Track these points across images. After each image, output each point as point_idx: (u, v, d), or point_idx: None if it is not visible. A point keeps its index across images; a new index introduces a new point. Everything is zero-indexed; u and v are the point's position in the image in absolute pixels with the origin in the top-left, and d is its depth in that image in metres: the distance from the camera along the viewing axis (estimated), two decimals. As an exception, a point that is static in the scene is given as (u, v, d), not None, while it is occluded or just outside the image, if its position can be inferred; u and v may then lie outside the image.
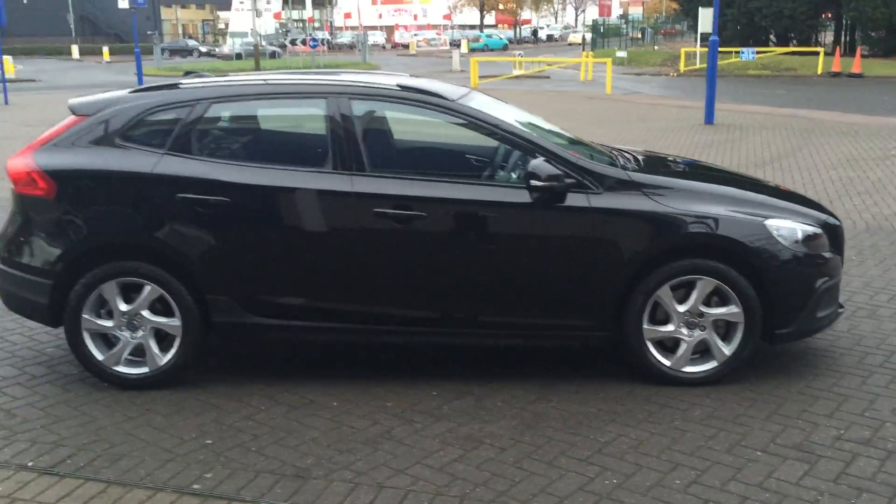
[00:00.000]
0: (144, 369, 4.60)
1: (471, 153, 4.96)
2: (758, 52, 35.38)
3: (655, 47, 57.34)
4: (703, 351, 4.56)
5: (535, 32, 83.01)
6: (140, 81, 28.00)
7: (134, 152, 4.54)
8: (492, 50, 63.88)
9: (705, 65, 36.55)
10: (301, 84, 4.85)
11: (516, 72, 34.48)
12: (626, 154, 5.19)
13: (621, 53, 43.47)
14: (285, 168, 4.55)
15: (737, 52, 35.27)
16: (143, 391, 4.57)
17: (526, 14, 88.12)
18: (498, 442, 3.96)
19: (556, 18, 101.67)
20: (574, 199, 4.41)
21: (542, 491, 3.52)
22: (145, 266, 4.48)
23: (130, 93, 4.77)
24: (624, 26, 60.18)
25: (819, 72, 32.72)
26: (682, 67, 36.92)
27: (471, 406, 4.37)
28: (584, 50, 46.21)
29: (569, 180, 4.38)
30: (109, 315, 4.60)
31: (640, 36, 64.91)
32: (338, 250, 4.46)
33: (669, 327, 4.52)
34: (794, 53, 36.83)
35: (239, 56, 51.64)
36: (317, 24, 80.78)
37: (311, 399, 4.47)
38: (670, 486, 3.55)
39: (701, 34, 37.49)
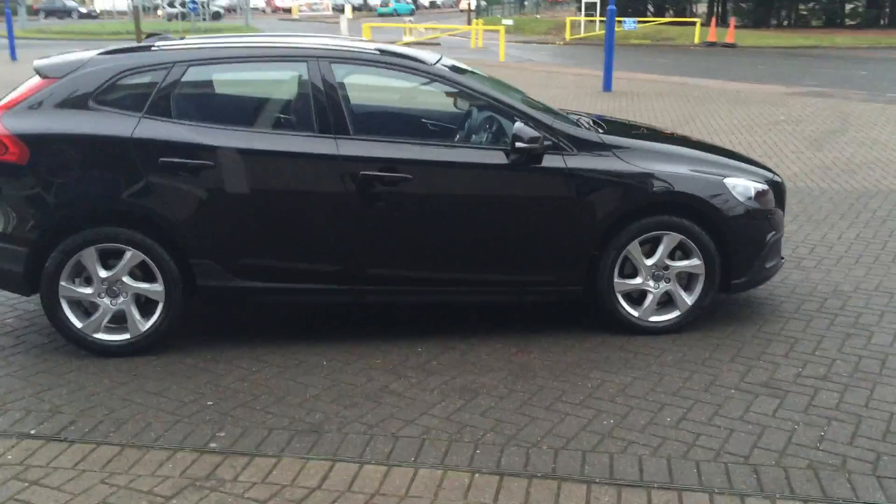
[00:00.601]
0: (126, 335, 4.57)
1: (447, 117, 5.10)
2: (638, 22, 36.48)
3: (538, 16, 58.35)
4: (666, 301, 4.89)
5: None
6: (11, 44, 26.42)
7: (110, 115, 4.46)
8: (400, 15, 63.57)
9: (590, 33, 37.82)
10: (281, 48, 4.85)
11: (407, 38, 34.44)
12: (582, 117, 5.44)
13: (507, 21, 43.98)
14: (270, 132, 4.59)
15: (619, 22, 36.29)
16: (126, 358, 4.54)
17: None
18: (494, 391, 4.17)
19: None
20: (550, 161, 4.62)
21: (549, 433, 3.76)
22: (126, 232, 4.44)
23: (100, 54, 4.66)
24: None
25: (696, 41, 34.12)
26: (567, 36, 37.77)
27: (457, 360, 4.55)
28: (471, 17, 46.50)
29: (546, 142, 4.60)
30: (87, 282, 4.53)
31: (524, 4, 65.93)
32: (323, 212, 4.54)
33: (637, 280, 4.83)
34: (672, 23, 38.24)
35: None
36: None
37: (300, 359, 4.56)
38: (662, 423, 3.85)
39: (585, 3, 38.59)
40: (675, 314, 4.87)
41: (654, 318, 4.87)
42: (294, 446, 3.66)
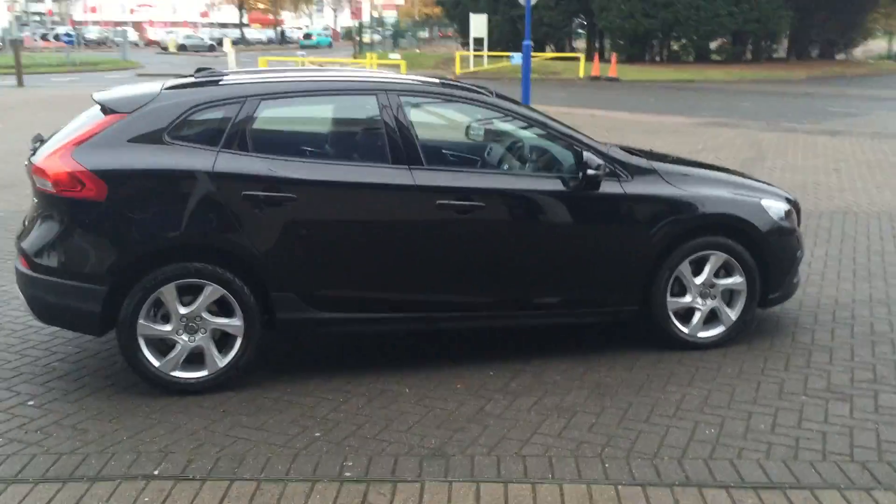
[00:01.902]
0: (203, 372, 4.50)
1: (504, 146, 5.26)
2: (527, 56, 37.70)
3: (417, 50, 59.17)
4: (710, 318, 5.20)
5: (282, 34, 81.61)
6: None
7: (187, 150, 4.42)
8: (321, 47, 64.53)
9: (479, 68, 38.66)
10: (350, 81, 4.93)
11: (299, 72, 34.24)
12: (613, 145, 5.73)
13: (395, 56, 44.47)
14: (347, 163, 4.65)
15: (507, 57, 37.45)
16: (205, 395, 4.46)
17: (283, 14, 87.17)
18: (588, 409, 4.35)
19: (311, 20, 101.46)
20: (608, 187, 4.87)
21: (662, 444, 3.96)
22: (208, 267, 4.38)
23: (167, 89, 4.60)
24: (379, 29, 61.30)
25: (581, 75, 35.52)
26: (457, 70, 38.51)
27: (533, 382, 4.70)
28: (356, 52, 46.79)
29: (607, 169, 4.85)
30: (164, 319, 4.44)
31: (398, 40, 66.77)
32: (400, 242, 4.63)
33: (687, 298, 5.12)
34: (557, 59, 39.64)
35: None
36: (56, 18, 75.08)
37: (381, 388, 4.60)
38: (758, 429, 4.12)
39: (473, 39, 39.52)
40: (720, 329, 5.19)
41: (702, 334, 5.17)
42: (429, 470, 3.72)
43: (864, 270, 6.96)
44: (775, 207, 5.26)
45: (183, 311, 4.41)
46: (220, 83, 4.70)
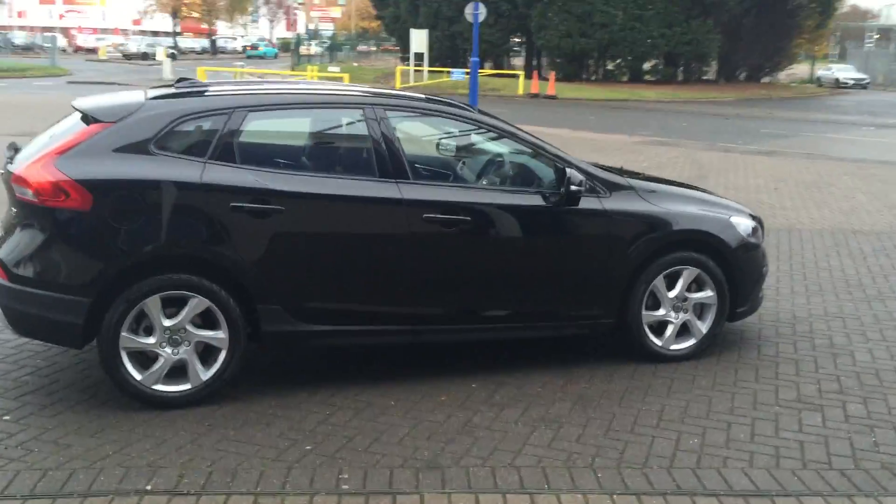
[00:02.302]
0: (186, 385, 4.43)
1: (485, 161, 5.31)
2: (466, 73, 38.02)
3: (354, 64, 59.11)
4: (682, 331, 5.34)
5: (213, 43, 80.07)
6: None
7: (174, 161, 4.37)
8: (267, 58, 64.11)
9: (419, 83, 38.78)
10: (337, 94, 4.94)
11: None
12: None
13: (335, 68, 44.33)
14: (335, 176, 4.65)
15: (448, 72, 37.72)
16: (188, 409, 4.39)
17: (217, 24, 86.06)
18: (573, 420, 4.42)
19: (245, 30, 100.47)
20: (588, 203, 4.98)
21: (651, 454, 4.06)
22: (193, 278, 4.33)
23: (151, 99, 4.54)
24: (325, 41, 61.31)
25: (520, 93, 35.97)
26: (398, 84, 38.58)
27: (517, 394, 4.76)
28: (294, 64, 46.52)
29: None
30: (147, 332, 4.37)
31: (335, 53, 66.68)
32: (387, 254, 4.65)
33: (661, 312, 5.25)
34: (496, 75, 40.07)
35: None
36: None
37: (366, 401, 4.59)
38: (739, 439, 4.25)
39: (414, 54, 39.69)
40: (691, 342, 5.33)
41: (674, 347, 5.30)
42: (426, 482, 3.74)
43: (814, 285, 7.22)
44: (743, 224, 5.44)
45: (167, 323, 4.34)
46: (206, 94, 4.66)
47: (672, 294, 5.23)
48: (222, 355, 4.46)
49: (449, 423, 4.37)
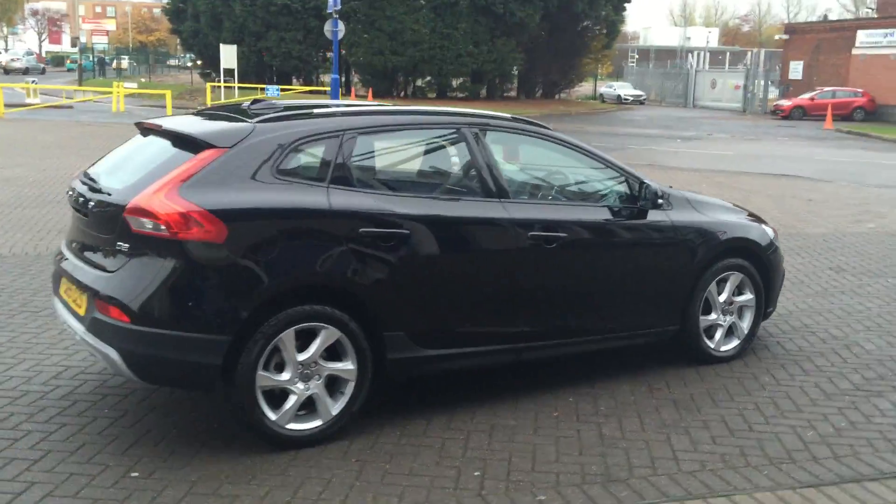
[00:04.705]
0: (317, 422, 4.20)
1: (565, 177, 5.36)
2: (281, 90, 37.42)
3: (142, 79, 56.30)
4: (727, 333, 5.68)
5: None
6: None
7: (297, 187, 4.14)
8: (86, 71, 58.06)
9: (231, 99, 37.62)
10: (435, 114, 4.84)
11: (32, 101, 31.29)
12: None
13: (131, 85, 42.03)
14: (449, 198, 4.58)
15: (262, 89, 36.96)
16: (313, 448, 4.16)
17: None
18: (692, 424, 4.60)
19: (7, 43, 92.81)
20: (657, 216, 5.22)
21: (788, 448, 4.32)
22: (327, 309, 4.12)
23: (259, 122, 4.26)
24: (86, 55, 57.66)
25: (338, 109, 35.88)
26: (208, 101, 37.23)
27: (616, 404, 4.87)
28: (81, 79, 43.65)
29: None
30: (278, 368, 4.09)
31: (122, 69, 63.29)
32: (496, 274, 4.64)
33: (713, 316, 5.58)
34: (310, 92, 39.72)
35: None
36: None
37: (487, 423, 4.54)
38: (838, 426, 4.62)
39: (223, 69, 38.48)
40: (735, 343, 5.69)
41: (723, 348, 5.64)
42: (622, 495, 3.78)
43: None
44: (770, 230, 5.91)
45: (301, 357, 4.09)
46: (314, 116, 4.44)
47: (722, 298, 5.57)
48: (350, 387, 4.26)
49: (583, 436, 4.43)
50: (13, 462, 3.93)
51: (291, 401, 4.11)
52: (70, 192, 4.53)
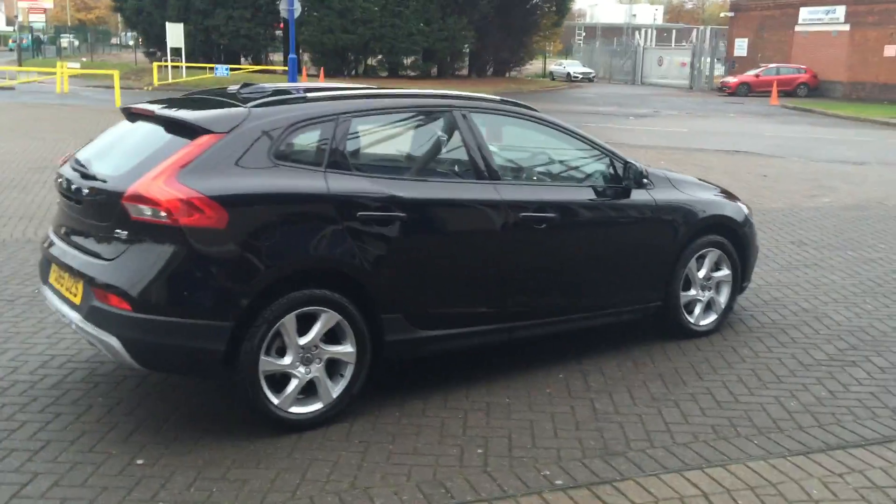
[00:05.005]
0: (318, 405, 4.23)
1: (549, 158, 5.43)
2: (231, 69, 36.84)
3: (84, 59, 54.95)
4: (706, 308, 5.84)
5: None
6: None
7: (295, 171, 4.15)
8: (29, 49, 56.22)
9: (178, 79, 36.97)
10: (426, 97, 4.86)
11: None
12: None
13: (74, 64, 40.97)
14: (443, 181, 4.63)
15: (211, 68, 36.36)
16: (315, 430, 4.19)
17: None
18: (680, 397, 4.74)
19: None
20: (642, 195, 5.33)
21: (775, 418, 4.48)
22: (327, 293, 4.14)
23: (254, 107, 4.24)
24: (21, 33, 56.02)
25: (289, 88, 35.48)
26: (155, 81, 36.56)
27: (605, 380, 4.97)
28: (21, 59, 42.37)
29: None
30: (279, 353, 4.11)
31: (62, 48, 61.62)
32: (489, 255, 4.70)
33: (692, 292, 5.72)
34: (262, 71, 39.20)
35: None
36: None
37: (483, 402, 4.61)
38: (819, 395, 4.80)
39: (170, 49, 37.73)
40: (714, 317, 5.85)
41: (702, 323, 5.80)
42: (623, 468, 3.89)
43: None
44: (745, 207, 6.06)
45: (302, 341, 4.12)
46: (308, 100, 4.43)
47: (701, 274, 5.72)
48: (350, 369, 4.29)
49: (578, 412, 4.53)
50: (13, 453, 3.89)
51: (293, 384, 4.13)
52: (59, 179, 4.46)
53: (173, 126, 4.21)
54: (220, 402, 4.51)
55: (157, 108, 4.41)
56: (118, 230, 3.94)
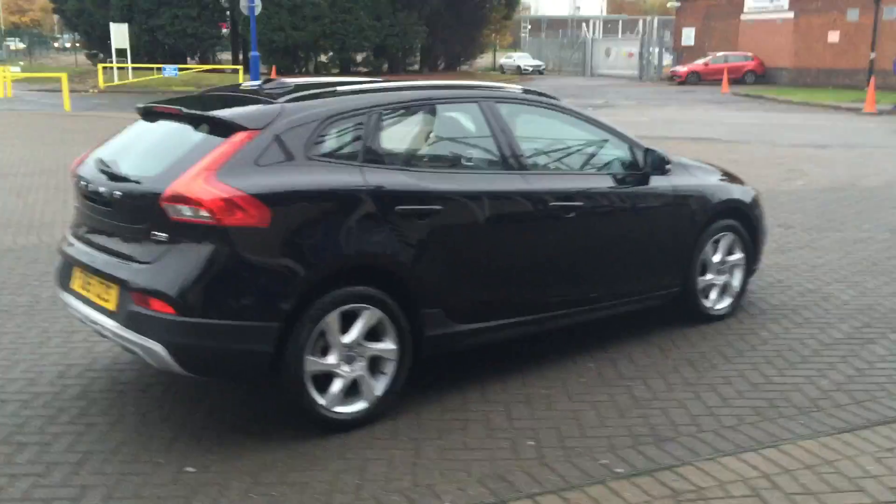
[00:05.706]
0: (363, 404, 4.15)
1: (573, 147, 5.37)
2: (179, 69, 36.20)
3: (20, 63, 53.53)
4: (721, 291, 5.88)
5: None
6: None
7: (333, 167, 4.06)
8: None
9: (124, 81, 36.21)
10: (453, 89, 4.81)
11: None
12: None
13: (15, 68, 39.86)
14: (474, 172, 4.58)
15: (159, 69, 35.67)
16: (360, 429, 4.11)
17: None
18: (715, 381, 4.75)
19: None
20: (662, 181, 5.34)
21: (812, 398, 4.53)
22: (370, 290, 4.07)
23: (287, 102, 4.14)
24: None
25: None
26: (101, 84, 35.75)
27: (636, 367, 4.98)
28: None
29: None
30: (323, 352, 4.02)
31: None
32: (521, 246, 4.67)
33: (709, 276, 5.75)
34: (212, 71, 38.60)
35: None
36: None
37: (522, 394, 4.57)
38: (845, 373, 4.86)
39: (115, 50, 36.92)
40: (729, 301, 5.90)
41: (718, 306, 5.84)
42: (677, 454, 3.88)
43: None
44: (752, 191, 6.12)
45: (346, 339, 4.03)
46: (338, 94, 4.34)
47: (716, 259, 5.75)
48: (392, 366, 4.22)
49: (617, 399, 4.52)
50: (55, 467, 3.74)
51: (338, 384, 4.05)
52: (81, 182, 4.30)
53: (205, 124, 4.09)
54: (252, 404, 4.40)
55: (184, 107, 4.28)
56: (156, 232, 3.81)
